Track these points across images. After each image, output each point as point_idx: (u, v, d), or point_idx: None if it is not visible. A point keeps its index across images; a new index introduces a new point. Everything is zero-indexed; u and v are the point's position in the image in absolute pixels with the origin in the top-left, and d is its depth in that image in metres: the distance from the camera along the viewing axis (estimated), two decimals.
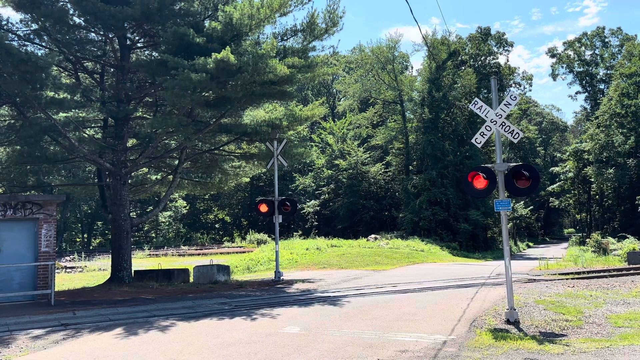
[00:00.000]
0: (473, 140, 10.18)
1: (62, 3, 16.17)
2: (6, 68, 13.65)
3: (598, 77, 69.43)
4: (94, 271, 29.42)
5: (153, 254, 43.33)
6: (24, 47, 15.90)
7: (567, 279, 15.75)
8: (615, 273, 16.73)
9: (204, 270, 18.87)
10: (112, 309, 12.07)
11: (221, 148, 20.63)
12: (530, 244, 70.28)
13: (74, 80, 18.23)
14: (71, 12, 16.10)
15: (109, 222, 20.15)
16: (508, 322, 9.31)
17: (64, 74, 18.71)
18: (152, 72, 16.40)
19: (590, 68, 69.74)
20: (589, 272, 17.06)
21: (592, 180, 55.41)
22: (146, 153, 18.43)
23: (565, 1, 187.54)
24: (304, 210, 52.82)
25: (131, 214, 22.69)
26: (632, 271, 17.10)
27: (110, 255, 20.62)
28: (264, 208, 18.32)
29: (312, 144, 53.17)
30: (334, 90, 68.82)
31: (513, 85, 67.17)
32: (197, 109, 18.19)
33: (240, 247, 47.88)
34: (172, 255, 41.77)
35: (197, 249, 47.31)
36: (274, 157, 18.65)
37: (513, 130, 9.84)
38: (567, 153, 62.50)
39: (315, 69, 17.91)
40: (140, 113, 19.80)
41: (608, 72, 65.82)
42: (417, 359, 7.20)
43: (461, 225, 43.22)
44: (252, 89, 15.72)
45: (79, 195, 44.31)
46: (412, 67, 61.63)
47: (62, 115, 16.80)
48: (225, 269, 19.20)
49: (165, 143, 20.15)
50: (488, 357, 7.20)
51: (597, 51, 69.62)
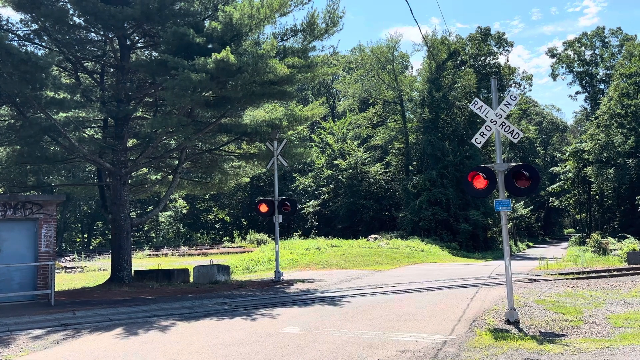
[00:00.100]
0: (473, 140, 10.18)
1: (62, 3, 16.18)
2: (6, 68, 13.66)
3: (598, 77, 69.45)
4: (94, 271, 29.42)
5: (153, 254, 43.33)
6: (24, 47, 15.91)
7: (567, 279, 15.75)
8: (615, 273, 16.73)
9: (204, 270, 18.87)
10: (112, 309, 12.07)
11: (221, 148, 20.64)
12: (530, 244, 70.27)
13: (74, 80, 18.23)
14: (71, 12, 16.10)
15: (109, 222, 20.16)
16: (508, 322, 9.32)
17: (64, 74, 18.71)
18: (152, 72, 16.41)
19: (590, 68, 69.76)
20: (589, 272, 17.07)
21: (592, 180, 55.42)
22: (146, 153, 18.43)
23: (565, 1, 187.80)
24: (304, 210, 52.83)
25: (131, 214, 22.68)
26: (632, 271, 17.10)
27: (110, 255, 20.62)
28: (264, 208, 18.33)
29: (312, 144, 53.17)
30: (334, 90, 68.83)
31: (513, 85, 67.25)
32: (197, 109, 18.20)
33: (240, 247, 47.88)
34: (172, 255, 41.76)
35: (197, 249, 47.31)
36: (274, 157, 18.66)
37: (513, 130, 9.84)
38: (567, 153, 62.52)
39: (315, 69, 17.91)
40: (140, 113, 19.81)
41: (608, 72, 65.84)
42: (417, 359, 7.20)
43: (461, 225, 43.23)
44: (252, 89, 15.73)
45: (79, 195, 44.32)
46: (412, 67, 61.73)
47: (62, 115, 16.81)
48: (225, 269, 19.20)
49: (165, 143, 20.15)
50: (488, 357, 7.20)
51: (597, 51, 69.65)
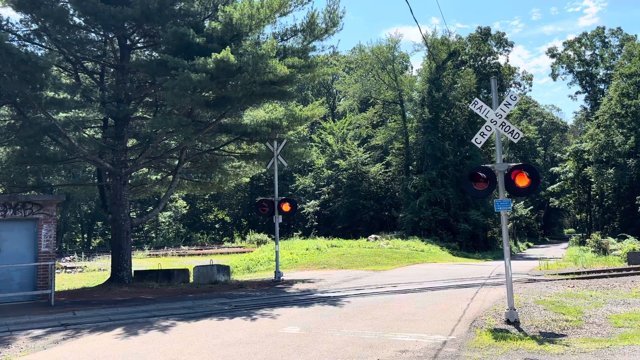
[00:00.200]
0: (473, 141, 10.18)
1: (62, 3, 16.18)
2: (6, 68, 13.66)
3: (598, 77, 69.44)
4: (94, 271, 29.42)
5: (153, 254, 43.32)
6: (24, 47, 15.91)
7: (567, 279, 15.75)
8: (615, 273, 16.73)
9: (204, 271, 18.87)
10: (112, 309, 12.07)
11: (221, 148, 20.64)
12: (530, 244, 70.25)
13: (74, 80, 18.23)
14: (71, 12, 16.10)
15: (109, 222, 20.16)
16: (508, 322, 9.31)
17: (64, 74, 18.71)
18: (152, 72, 16.40)
19: (590, 68, 69.75)
20: (589, 272, 17.07)
21: (592, 180, 55.41)
22: (146, 153, 18.43)
23: (565, 1, 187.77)
24: (304, 211, 52.82)
25: (131, 214, 22.68)
26: (632, 271, 17.10)
27: (110, 256, 20.62)
28: (264, 208, 18.34)
29: (312, 144, 53.18)
30: (334, 90, 68.82)
31: (513, 85, 67.22)
32: (197, 109, 18.20)
33: (240, 247, 47.87)
34: (172, 255, 41.75)
35: (197, 249, 47.30)
36: (274, 157, 18.66)
37: (513, 130, 9.84)
38: (567, 153, 62.51)
39: (315, 69, 17.91)
40: (140, 113, 19.81)
41: (608, 72, 65.84)
42: (417, 359, 7.20)
43: (461, 225, 43.23)
44: (252, 89, 15.72)
45: (79, 195, 44.31)
46: (412, 67, 61.72)
47: (62, 115, 16.81)
48: (225, 269, 19.20)
49: (165, 143, 20.15)
50: (488, 357, 7.20)
51: (597, 51, 69.63)
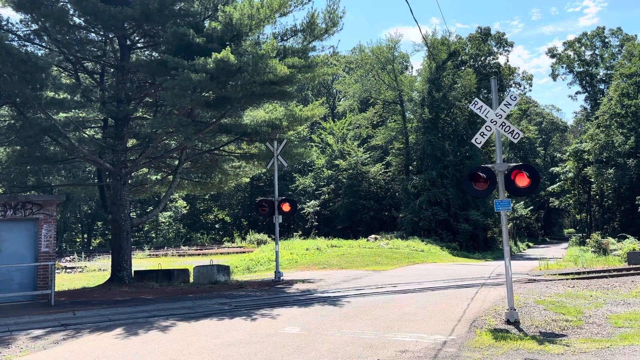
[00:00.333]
0: (473, 141, 10.18)
1: (62, 3, 16.18)
2: (6, 68, 13.66)
3: (598, 77, 69.44)
4: (94, 271, 29.43)
5: (153, 254, 43.32)
6: (24, 48, 15.92)
7: (567, 279, 15.75)
8: (615, 273, 16.73)
9: (204, 271, 18.87)
10: (112, 309, 12.07)
11: (221, 148, 20.64)
12: (530, 244, 70.25)
13: (74, 80, 18.23)
14: (71, 12, 16.10)
15: (109, 223, 20.16)
16: (508, 322, 9.31)
17: (64, 74, 18.71)
18: (152, 72, 16.40)
19: (590, 68, 69.75)
20: (589, 272, 17.06)
21: (592, 180, 55.40)
22: (146, 153, 18.43)
23: (565, 1, 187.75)
24: (304, 211, 52.82)
25: (131, 214, 22.68)
26: (632, 271, 17.10)
27: (110, 256, 20.62)
28: (264, 208, 18.34)
29: (312, 144, 53.18)
30: (334, 90, 68.81)
31: (513, 85, 67.21)
32: (197, 109, 18.20)
33: (240, 247, 47.85)
34: (172, 255, 41.75)
35: (197, 249, 47.30)
36: (274, 158, 18.66)
37: (513, 130, 9.84)
38: (567, 153, 62.50)
39: (315, 69, 17.91)
40: (140, 113, 19.81)
41: (608, 72, 65.84)
42: (417, 359, 7.20)
43: (461, 225, 43.22)
44: (252, 89, 15.72)
45: (79, 196, 44.35)
46: (412, 67, 61.70)
47: (62, 115, 16.81)
48: (225, 269, 19.20)
49: (165, 143, 20.15)
50: (488, 357, 7.19)
51: (597, 51, 69.64)
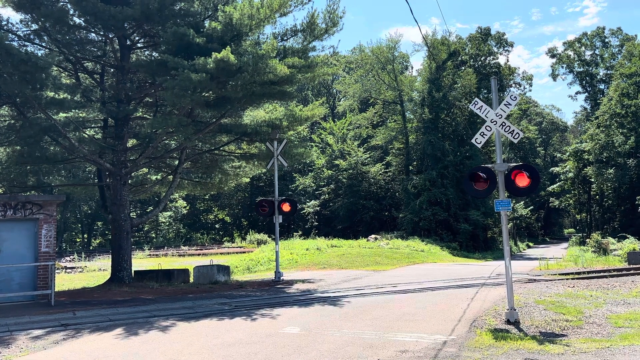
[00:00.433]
0: (473, 141, 10.18)
1: (62, 3, 16.18)
2: (6, 68, 13.66)
3: (598, 77, 69.45)
4: (94, 271, 29.43)
5: (153, 254, 43.32)
6: (24, 48, 15.92)
7: (567, 279, 15.75)
8: (615, 273, 16.72)
9: (204, 271, 18.87)
10: (112, 309, 12.07)
11: (221, 148, 20.64)
12: (531, 244, 70.24)
13: (74, 80, 18.24)
14: (71, 12, 16.11)
15: (109, 223, 20.16)
16: (508, 322, 9.31)
17: (64, 74, 18.71)
18: (152, 72, 16.40)
19: (590, 68, 69.75)
20: (589, 272, 17.06)
21: (592, 180, 55.40)
22: (146, 153, 18.43)
23: (565, 1, 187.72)
24: (304, 211, 52.82)
25: (131, 214, 22.68)
26: (632, 271, 17.09)
27: (110, 256, 20.62)
28: (264, 208, 18.34)
29: (312, 144, 53.18)
30: (334, 90, 68.80)
31: (513, 85, 67.21)
32: (197, 109, 18.20)
33: (240, 247, 47.85)
34: (172, 255, 41.75)
35: (197, 249, 47.29)
36: (274, 158, 18.66)
37: (513, 130, 9.84)
38: (567, 153, 62.51)
39: (315, 69, 17.91)
40: (140, 113, 19.81)
41: (608, 72, 65.85)
42: (418, 359, 7.20)
43: (461, 225, 43.22)
44: (252, 89, 15.72)
45: (79, 196, 44.30)
46: (412, 67, 61.69)
47: (62, 115, 16.82)
48: (225, 269, 19.20)
49: (165, 143, 20.15)
50: (488, 357, 7.19)
51: (597, 51, 69.64)
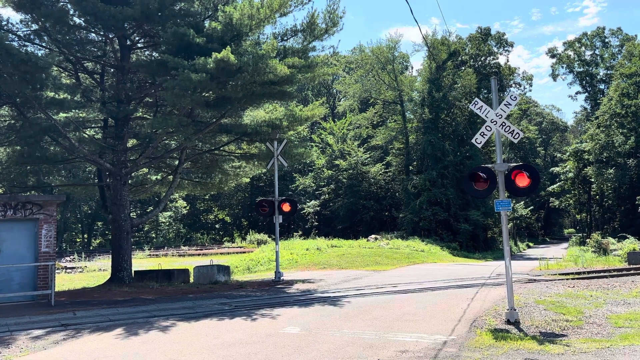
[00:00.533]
0: (473, 141, 10.18)
1: (62, 3, 16.19)
2: (6, 68, 13.67)
3: (598, 77, 69.45)
4: (94, 271, 29.43)
5: (153, 254, 43.33)
6: (24, 48, 15.92)
7: (567, 279, 15.74)
8: (615, 273, 16.73)
9: (204, 271, 18.87)
10: (112, 309, 12.07)
11: (221, 148, 20.64)
12: (531, 244, 70.22)
13: (74, 80, 18.24)
14: (71, 12, 16.11)
15: (109, 223, 20.16)
16: (508, 322, 9.31)
17: (64, 74, 18.72)
18: (152, 72, 16.41)
19: (591, 68, 69.75)
20: (589, 272, 17.06)
21: (592, 180, 55.39)
22: (146, 153, 18.43)
23: (565, 1, 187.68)
24: (304, 211, 52.82)
25: (131, 214, 22.68)
26: (632, 271, 17.09)
27: (110, 256, 20.62)
28: (264, 208, 18.34)
29: (312, 144, 53.17)
30: (334, 90, 68.80)
31: (513, 85, 67.19)
32: (197, 109, 18.20)
33: (240, 247, 47.85)
34: (172, 255, 41.76)
35: (197, 249, 47.29)
36: (274, 158, 18.66)
37: (513, 130, 9.84)
38: (567, 153, 62.50)
39: (315, 69, 17.91)
40: (140, 113, 19.81)
41: (608, 72, 65.85)
42: (418, 359, 7.20)
43: (461, 225, 43.21)
44: (252, 89, 15.72)
45: (79, 196, 44.30)
46: (412, 67, 61.67)
47: (62, 115, 16.82)
48: (225, 269, 19.20)
49: (166, 143, 20.15)
50: (488, 357, 7.19)
51: (597, 51, 69.65)
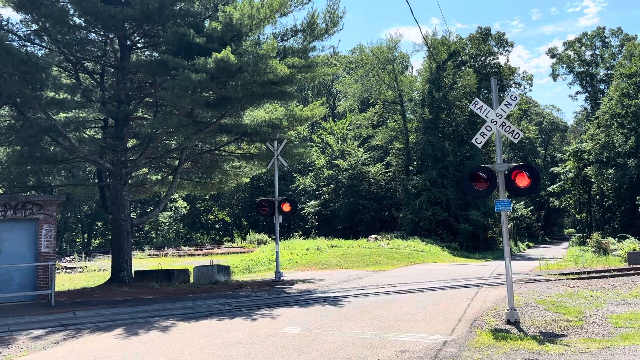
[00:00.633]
0: (473, 141, 10.18)
1: (62, 3, 16.19)
2: (6, 68, 13.67)
3: (598, 77, 69.44)
4: (94, 271, 29.43)
5: (153, 254, 43.34)
6: (24, 48, 15.92)
7: (567, 279, 15.74)
8: (615, 273, 16.73)
9: (204, 271, 18.87)
10: (112, 310, 12.07)
11: (221, 148, 20.64)
12: (531, 244, 70.21)
13: (74, 80, 18.24)
14: (71, 12, 16.11)
15: (109, 223, 20.16)
16: (508, 322, 9.31)
17: (64, 75, 18.72)
18: (152, 72, 16.41)
19: (591, 68, 69.74)
20: (589, 272, 17.06)
21: (593, 180, 55.39)
22: (146, 153, 18.43)
23: (565, 1, 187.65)
24: (304, 211, 52.81)
25: (131, 214, 22.67)
26: (632, 271, 17.10)
27: (110, 256, 20.62)
28: (264, 208, 18.34)
29: (312, 144, 53.17)
30: (334, 90, 68.79)
31: (513, 85, 67.17)
32: (197, 109, 18.20)
33: (240, 247, 47.85)
34: (172, 255, 41.76)
35: (197, 249, 47.30)
36: (274, 158, 18.66)
37: (513, 130, 9.84)
38: (568, 153, 62.49)
39: (316, 69, 17.91)
40: (140, 113, 19.82)
41: (608, 72, 65.84)
42: (418, 359, 7.20)
43: (461, 225, 43.21)
44: (252, 89, 15.72)
45: (79, 196, 44.29)
46: (412, 67, 61.64)
47: (62, 115, 16.82)
48: (225, 269, 19.20)
49: (166, 143, 20.15)
50: (488, 357, 7.19)
51: (597, 51, 69.64)
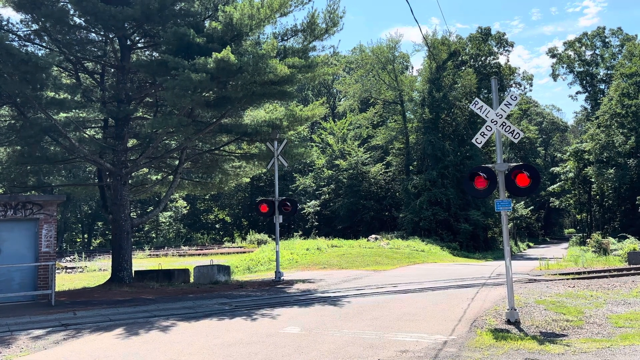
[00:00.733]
0: (473, 141, 10.18)
1: (62, 3, 16.19)
2: (7, 68, 13.67)
3: (598, 77, 69.41)
4: (94, 271, 29.42)
5: (153, 254, 43.35)
6: (25, 48, 15.95)
7: (567, 279, 15.75)
8: (615, 273, 16.73)
9: (205, 271, 18.87)
10: (112, 309, 12.07)
11: (221, 148, 20.64)
12: (531, 244, 70.20)
13: (74, 80, 18.24)
14: (71, 12, 16.11)
15: (110, 223, 20.16)
16: (509, 322, 9.31)
17: (64, 74, 18.72)
18: (153, 72, 16.41)
19: (591, 68, 69.72)
20: (589, 272, 17.06)
21: (593, 180, 55.39)
22: (146, 153, 18.44)
23: (565, 1, 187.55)
24: (305, 211, 52.81)
25: (131, 214, 22.69)
26: (632, 271, 17.10)
27: (110, 256, 20.63)
28: (264, 208, 18.34)
29: (313, 144, 53.18)
30: (334, 90, 68.78)
31: (513, 85, 67.17)
32: (198, 109, 18.20)
33: (240, 247, 47.88)
34: (173, 255, 41.77)
35: (197, 249, 47.31)
36: (274, 158, 18.66)
37: (513, 130, 9.84)
38: (568, 153, 62.50)
39: (316, 69, 17.91)
40: (140, 113, 19.82)
41: (608, 72, 65.81)
42: (418, 359, 7.20)
43: (461, 225, 43.20)
44: (252, 89, 15.73)
45: (80, 196, 44.25)
46: (412, 67, 61.59)
47: (62, 115, 16.82)
48: (225, 269, 19.21)
49: (166, 143, 20.16)
50: (488, 357, 7.19)
51: (597, 51, 69.61)
